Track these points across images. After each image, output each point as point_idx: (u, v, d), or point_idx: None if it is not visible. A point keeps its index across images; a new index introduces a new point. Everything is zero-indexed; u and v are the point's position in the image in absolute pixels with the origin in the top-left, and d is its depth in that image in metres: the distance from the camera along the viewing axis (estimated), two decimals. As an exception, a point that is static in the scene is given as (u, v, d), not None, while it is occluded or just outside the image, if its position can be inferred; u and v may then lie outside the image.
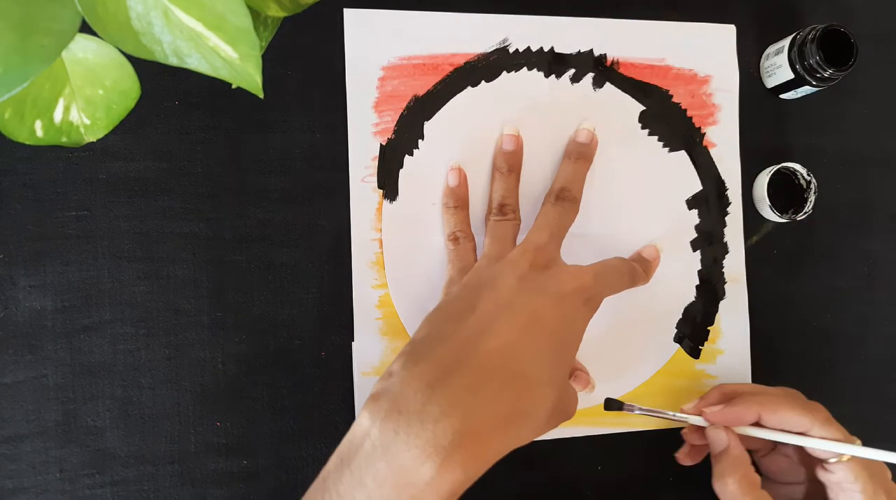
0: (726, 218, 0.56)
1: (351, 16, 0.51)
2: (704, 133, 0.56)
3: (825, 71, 0.52)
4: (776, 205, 0.54)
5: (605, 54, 0.54)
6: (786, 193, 0.55)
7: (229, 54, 0.29)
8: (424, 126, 0.52)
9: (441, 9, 0.52)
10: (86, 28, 0.27)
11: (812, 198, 0.54)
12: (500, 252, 0.48)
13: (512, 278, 0.43)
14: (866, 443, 0.45)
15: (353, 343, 0.50)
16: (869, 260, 0.58)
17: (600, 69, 0.54)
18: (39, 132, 0.32)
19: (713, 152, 0.56)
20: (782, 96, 0.57)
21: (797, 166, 0.55)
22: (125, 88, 0.33)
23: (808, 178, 0.55)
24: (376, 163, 0.51)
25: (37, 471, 0.46)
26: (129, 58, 0.34)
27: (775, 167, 0.55)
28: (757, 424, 0.49)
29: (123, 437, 0.47)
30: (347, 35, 0.51)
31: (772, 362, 0.56)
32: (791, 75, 0.54)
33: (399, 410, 0.37)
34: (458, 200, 0.51)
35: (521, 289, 0.43)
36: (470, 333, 0.41)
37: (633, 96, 0.55)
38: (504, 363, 0.40)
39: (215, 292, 0.49)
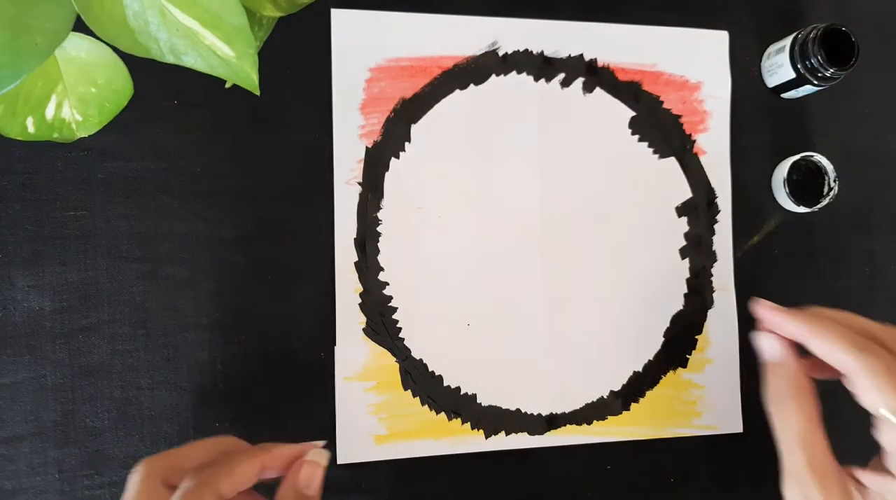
0: (715, 226, 0.55)
1: (338, 16, 0.51)
2: (695, 140, 0.55)
3: (826, 70, 0.52)
4: (794, 193, 0.54)
5: (595, 59, 0.54)
6: (804, 184, 0.55)
7: (226, 52, 0.29)
8: (411, 129, 0.52)
9: (430, 11, 0.52)
10: (80, 27, 0.27)
11: (835, 189, 0.54)
12: None
13: None
14: (867, 446, 0.43)
15: (335, 348, 0.50)
16: (869, 260, 0.58)
17: (590, 74, 0.54)
18: (31, 128, 0.32)
19: (703, 159, 0.55)
20: (783, 96, 0.57)
21: (821, 158, 0.54)
22: (118, 87, 0.33)
23: (831, 170, 0.54)
24: (362, 165, 0.51)
25: (35, 472, 0.46)
26: (128, 57, 0.34)
27: (797, 157, 0.55)
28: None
29: (122, 438, 0.47)
30: (334, 36, 0.51)
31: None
32: (792, 75, 0.54)
33: None
34: None
35: None
36: None
37: (623, 102, 0.54)
38: None
39: (215, 292, 0.49)
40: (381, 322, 0.50)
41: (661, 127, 0.55)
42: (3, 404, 0.46)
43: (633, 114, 0.54)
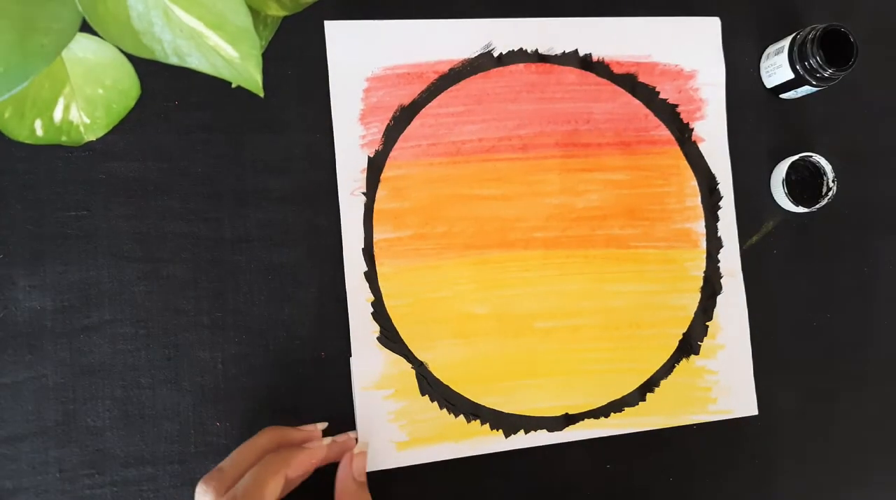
0: (719, 212, 0.56)
1: (332, 28, 0.51)
2: (693, 128, 0.56)
3: (825, 71, 0.52)
4: (792, 194, 0.54)
5: (590, 54, 0.54)
6: (803, 184, 0.55)
7: (230, 53, 0.29)
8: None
9: (423, 16, 0.52)
10: (86, 27, 0.27)
11: (833, 189, 0.54)
12: None
13: None
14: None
15: (351, 358, 0.50)
16: (869, 260, 0.58)
17: (586, 68, 0.54)
18: (39, 131, 0.32)
19: (702, 147, 0.56)
20: (782, 96, 0.57)
21: (820, 159, 0.55)
22: (125, 88, 0.33)
23: (830, 171, 0.55)
24: (365, 175, 0.51)
25: (36, 471, 0.46)
26: (129, 57, 0.34)
27: (796, 157, 0.55)
28: None
29: (123, 437, 0.47)
30: (329, 48, 0.51)
31: (773, 358, 0.56)
32: (791, 75, 0.54)
33: None
34: None
35: None
36: None
37: None
38: None
39: (215, 292, 0.49)
40: (395, 330, 0.51)
41: (659, 117, 0.55)
42: (4, 403, 0.46)
43: None
